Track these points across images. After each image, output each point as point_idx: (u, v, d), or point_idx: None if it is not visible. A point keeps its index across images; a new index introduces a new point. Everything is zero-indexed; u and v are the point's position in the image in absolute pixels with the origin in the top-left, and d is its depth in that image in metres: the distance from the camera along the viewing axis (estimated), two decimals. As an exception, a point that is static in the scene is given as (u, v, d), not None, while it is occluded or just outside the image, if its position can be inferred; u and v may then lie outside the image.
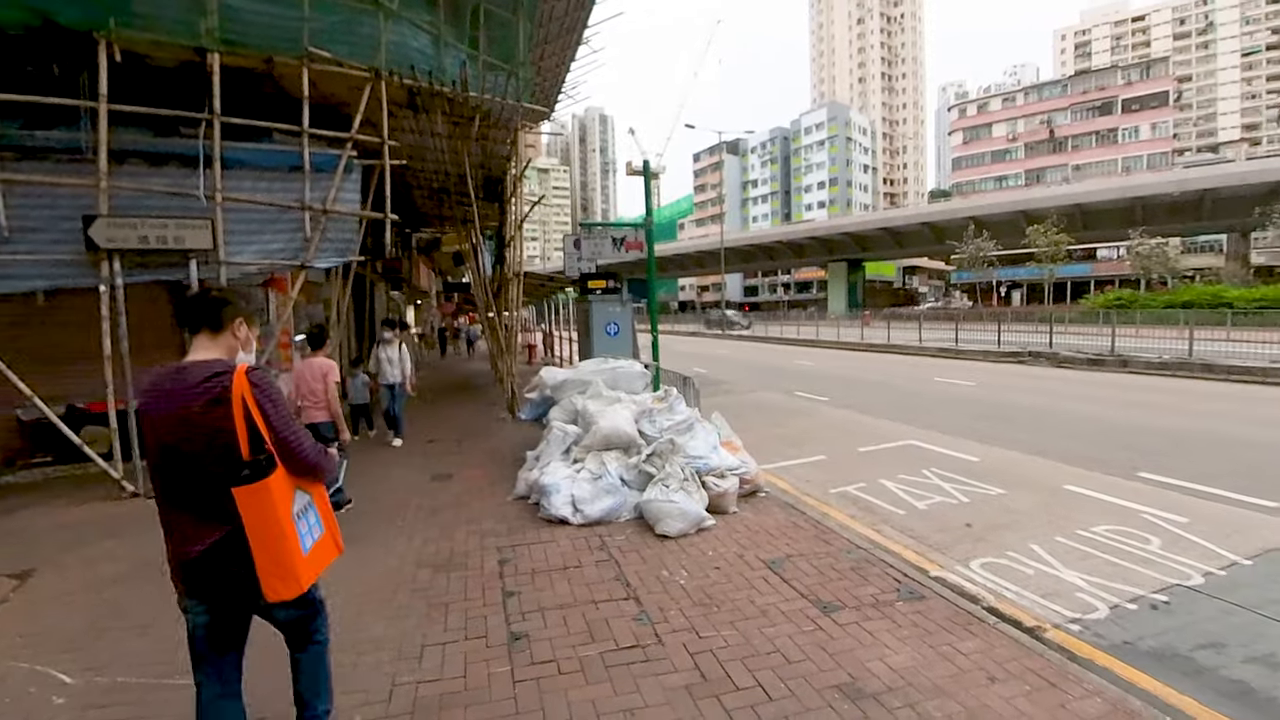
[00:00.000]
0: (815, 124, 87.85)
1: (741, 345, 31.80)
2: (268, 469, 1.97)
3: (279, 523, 1.99)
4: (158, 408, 2.02)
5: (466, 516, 5.43)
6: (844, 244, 63.47)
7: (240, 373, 2.02)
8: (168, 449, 2.02)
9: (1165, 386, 12.83)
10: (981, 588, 4.27)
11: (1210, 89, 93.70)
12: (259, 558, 1.98)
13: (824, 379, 15.96)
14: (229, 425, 1.98)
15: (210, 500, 1.99)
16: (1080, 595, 4.14)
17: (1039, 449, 7.84)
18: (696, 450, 5.39)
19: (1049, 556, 4.72)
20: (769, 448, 8.20)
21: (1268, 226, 36.95)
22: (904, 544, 5.01)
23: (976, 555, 4.79)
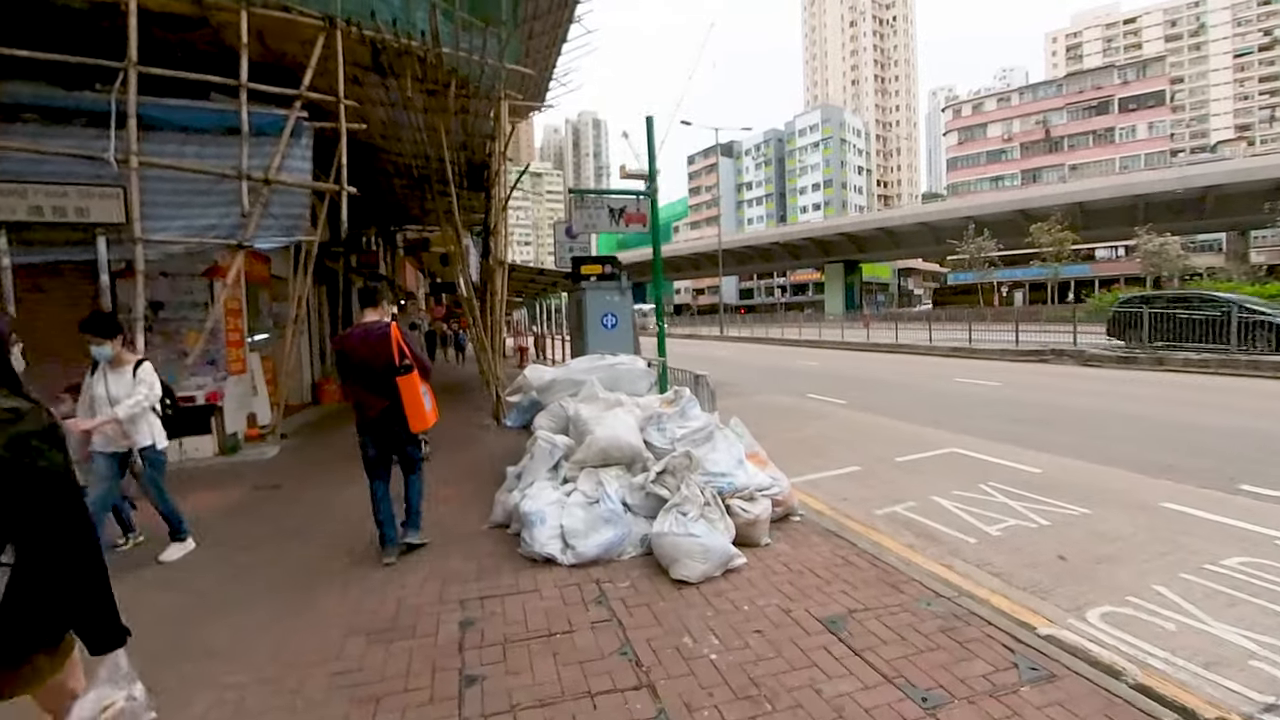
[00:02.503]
0: (809, 125, 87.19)
1: (742, 346, 30.73)
2: (410, 368, 4.04)
3: (418, 393, 4.07)
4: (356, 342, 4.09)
5: (428, 554, 4.25)
6: (840, 245, 62.64)
7: (394, 326, 4.11)
8: (363, 361, 4.04)
9: (1215, 385, 11.78)
10: (1116, 652, 3.14)
11: (1203, 90, 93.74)
12: (409, 411, 4.03)
13: (835, 380, 14.86)
14: (391, 349, 4.01)
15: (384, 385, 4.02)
16: (1256, 665, 3.03)
17: (1102, 456, 6.74)
18: (718, 466, 4.25)
19: (1184, 603, 3.60)
20: (790, 457, 7.04)
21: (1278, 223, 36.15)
22: (991, 587, 3.87)
23: (1089, 602, 3.66)
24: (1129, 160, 58.65)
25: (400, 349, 4.00)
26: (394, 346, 3.98)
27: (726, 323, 43.19)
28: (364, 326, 4.13)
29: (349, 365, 4.10)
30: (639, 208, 6.40)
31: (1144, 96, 60.06)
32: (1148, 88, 60.22)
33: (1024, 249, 46.63)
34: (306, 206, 6.64)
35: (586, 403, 4.81)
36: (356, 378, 4.08)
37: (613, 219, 6.35)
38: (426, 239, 21.73)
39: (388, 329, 4.04)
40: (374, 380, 4.02)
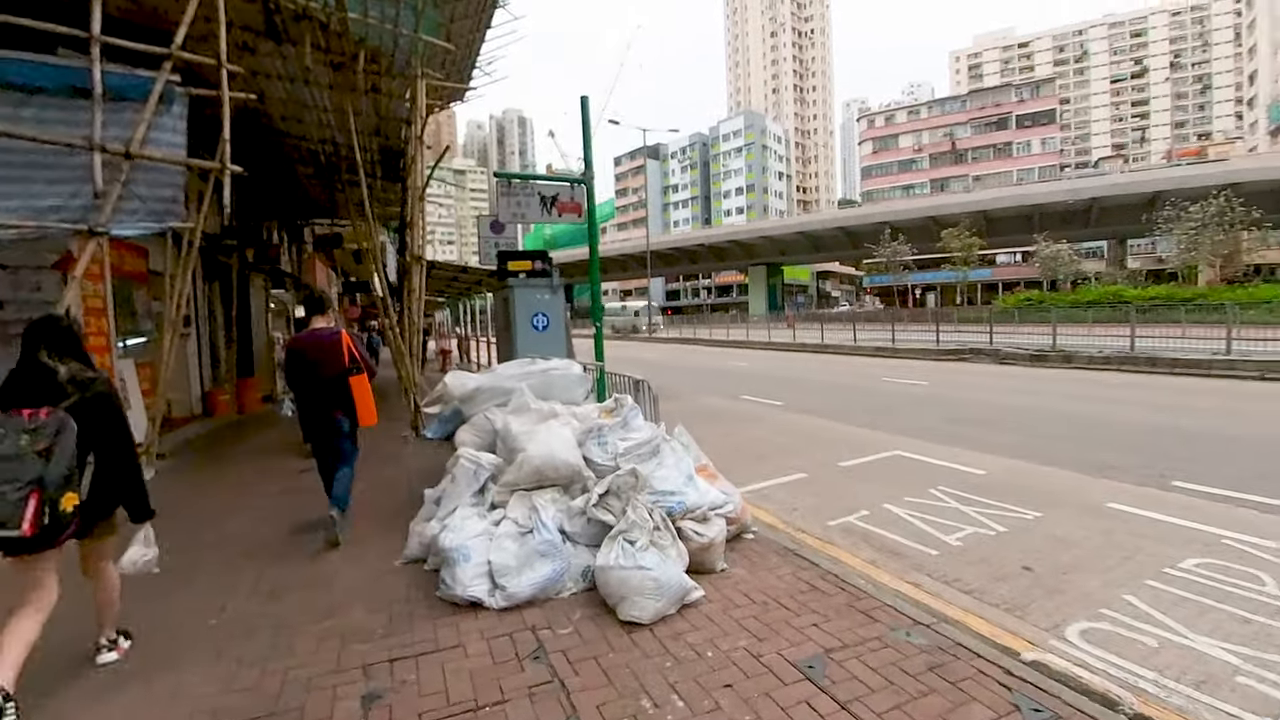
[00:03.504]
0: (733, 131, 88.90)
1: (671, 348, 30.58)
2: (360, 370, 4.53)
3: (368, 392, 4.58)
4: (309, 345, 4.58)
5: (326, 602, 3.53)
6: (763, 248, 64.05)
7: (344, 332, 4.59)
8: (315, 363, 4.51)
9: (1120, 381, 12.43)
10: (1106, 677, 2.88)
11: (1086, 111, 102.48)
12: (360, 408, 4.55)
13: (768, 381, 14.77)
14: (342, 352, 4.49)
15: (333, 385, 4.52)
16: (1244, 682, 2.84)
17: (1041, 455, 6.76)
18: (667, 483, 3.77)
19: (1158, 614, 3.43)
20: (733, 464, 6.66)
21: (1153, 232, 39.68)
22: (965, 606, 3.58)
23: (1066, 618, 3.43)
24: (1025, 173, 63.05)
25: (351, 353, 4.53)
26: (345, 350, 4.51)
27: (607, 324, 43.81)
28: (315, 331, 4.64)
29: (301, 365, 4.56)
30: (573, 196, 5.75)
31: (1037, 114, 64.85)
32: (1040, 106, 65.08)
33: (935, 254, 49.19)
34: (181, 188, 5.65)
35: (517, 414, 4.21)
36: (306, 377, 4.55)
37: (544, 208, 5.66)
38: (339, 234, 20.22)
39: (339, 334, 4.57)
40: (323, 380, 4.51)
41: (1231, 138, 78.55)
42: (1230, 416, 8.56)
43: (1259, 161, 46.37)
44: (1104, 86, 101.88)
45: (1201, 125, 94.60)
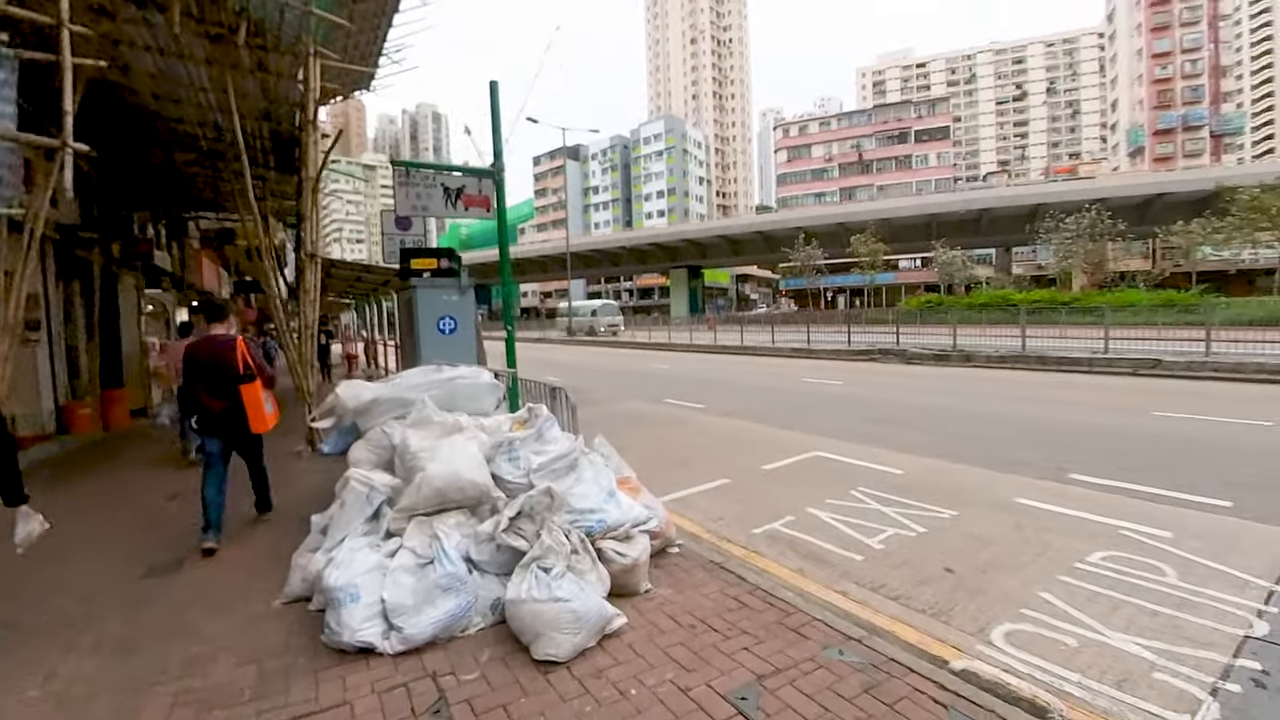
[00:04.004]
0: (654, 134, 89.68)
1: (592, 350, 30.22)
2: (253, 377, 4.55)
3: (259, 398, 4.58)
4: (205, 350, 4.59)
5: (184, 655, 2.99)
6: (685, 250, 64.90)
7: (240, 339, 4.64)
8: (209, 367, 4.54)
9: (1014, 379, 13.22)
10: (1033, 681, 2.85)
11: (974, 129, 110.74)
12: (250, 413, 4.56)
13: (689, 383, 14.75)
14: (236, 359, 4.51)
15: (227, 389, 4.52)
16: (1160, 677, 2.88)
17: (952, 452, 6.96)
18: (586, 500, 3.47)
19: (1074, 611, 3.47)
20: (655, 472, 6.47)
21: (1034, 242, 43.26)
22: (892, 614, 3.49)
23: (990, 620, 3.41)
24: (923, 184, 67.18)
25: (245, 359, 4.56)
26: (239, 357, 4.54)
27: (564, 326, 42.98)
28: (212, 338, 4.70)
29: (196, 368, 4.62)
30: (480, 189, 5.26)
31: (933, 130, 69.34)
32: (936, 123, 69.64)
33: (845, 258, 51.45)
34: (11, 167, 4.80)
35: (417, 428, 3.77)
36: (202, 381, 4.61)
37: (448, 200, 5.13)
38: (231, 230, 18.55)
39: (234, 341, 4.62)
40: (218, 385, 4.57)
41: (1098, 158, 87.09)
42: (1113, 411, 9.20)
43: (1122, 180, 51.64)
44: (990, 107, 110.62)
45: (1073, 146, 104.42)
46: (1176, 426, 7.96)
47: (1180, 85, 71.77)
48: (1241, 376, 11.72)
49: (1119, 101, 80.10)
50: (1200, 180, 42.72)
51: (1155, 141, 72.51)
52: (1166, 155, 71.32)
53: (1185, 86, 71.62)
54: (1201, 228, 35.38)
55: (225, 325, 4.84)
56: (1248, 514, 4.83)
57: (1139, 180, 48.65)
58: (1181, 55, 71.46)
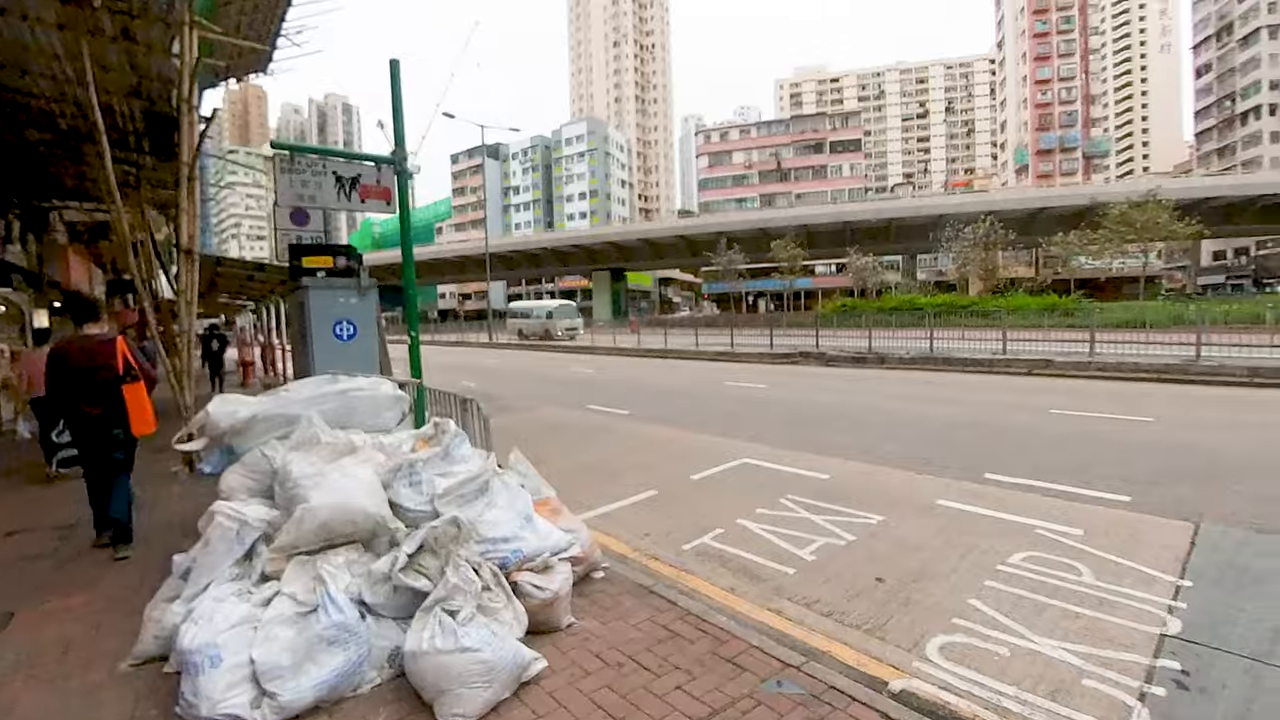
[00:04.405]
0: (576, 135, 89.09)
1: (513, 354, 29.43)
2: (137, 378, 4.35)
3: (143, 400, 4.38)
4: (77, 351, 4.34)
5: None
6: (607, 253, 64.76)
7: (121, 339, 4.40)
8: (82, 370, 4.28)
9: (924, 379, 13.77)
10: (971, 699, 2.75)
11: (883, 143, 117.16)
12: (133, 416, 4.34)
13: (614, 388, 14.48)
14: (117, 359, 4.30)
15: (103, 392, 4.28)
16: (1090, 684, 2.87)
17: (874, 454, 7.04)
18: (499, 528, 3.11)
19: (1003, 618, 3.44)
20: (580, 486, 6.18)
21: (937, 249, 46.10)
22: (828, 632, 3.34)
23: (924, 633, 3.32)
24: (838, 193, 70.12)
25: (127, 360, 4.38)
26: (120, 357, 4.35)
27: (496, 328, 41.41)
28: (86, 336, 4.47)
29: (65, 373, 4.33)
30: (380, 179, 4.70)
31: (847, 142, 72.63)
32: (849, 135, 72.98)
33: (765, 263, 52.86)
34: None
35: (302, 450, 3.27)
36: (74, 385, 4.35)
37: (342, 191, 4.49)
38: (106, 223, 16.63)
39: (114, 340, 4.42)
40: (94, 388, 4.33)
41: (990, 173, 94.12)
42: (1016, 410, 9.68)
43: (1010, 194, 55.86)
44: (897, 123, 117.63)
45: (968, 161, 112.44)
46: (1073, 424, 8.43)
47: (1058, 110, 78.67)
48: (1120, 375, 12.70)
49: (1007, 122, 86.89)
50: (1077, 196, 46.89)
51: (1038, 160, 79.11)
52: (1047, 173, 77.95)
53: (1062, 112, 78.57)
54: (1078, 239, 38.72)
55: (99, 325, 4.63)
56: (1145, 508, 5.06)
57: (1025, 195, 52.83)
58: (1059, 83, 78.36)
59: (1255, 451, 6.65)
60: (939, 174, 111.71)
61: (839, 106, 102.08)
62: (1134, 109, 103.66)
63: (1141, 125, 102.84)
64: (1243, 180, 49.34)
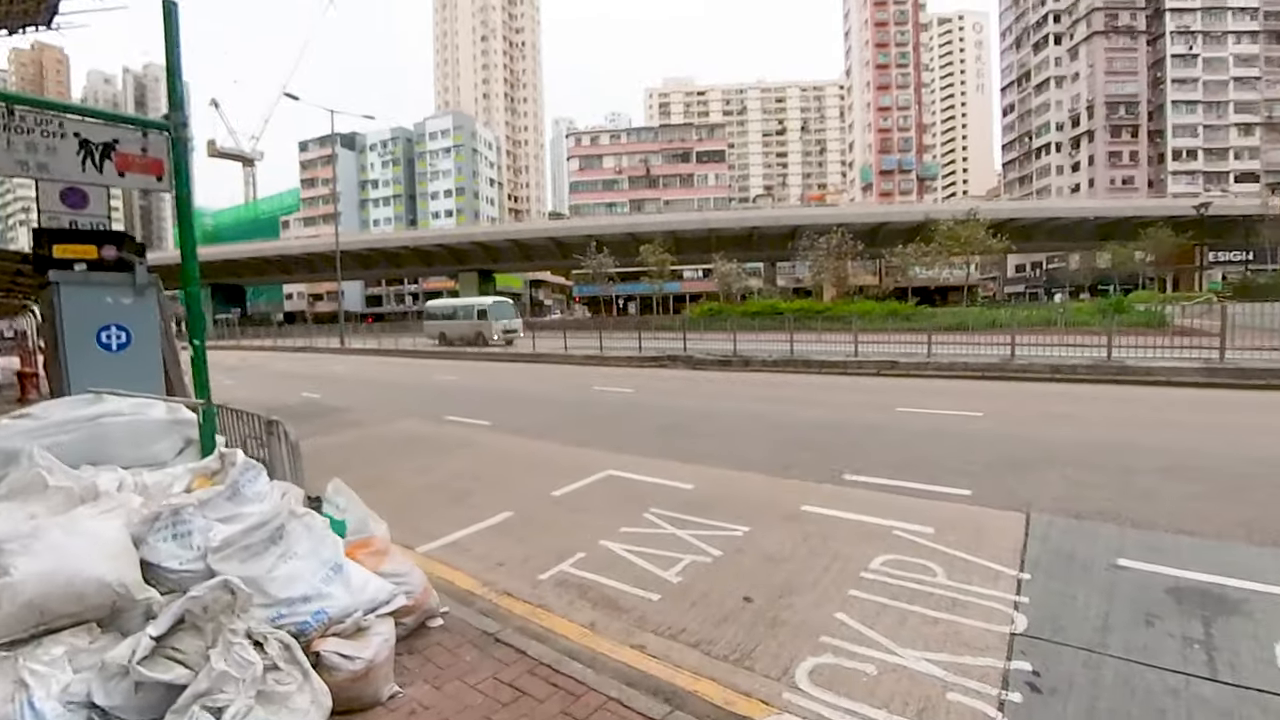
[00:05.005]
0: (441, 130, 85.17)
1: (368, 360, 27.22)
2: None
3: None
4: None
5: None
6: (474, 254, 62.54)
7: None
8: None
9: (786, 381, 14.32)
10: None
11: (745, 155, 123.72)
12: None
13: (477, 396, 13.66)
14: None
15: None
16: (954, 698, 2.80)
17: (739, 459, 7.00)
18: (298, 585, 2.50)
19: (869, 631, 3.35)
20: (426, 510, 5.55)
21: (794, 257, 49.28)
22: (694, 667, 3.06)
23: (793, 657, 3.14)
24: (704, 201, 72.86)
25: None
26: None
27: (350, 332, 38.12)
28: None
29: None
30: (147, 146, 3.66)
31: (712, 152, 75.74)
32: (714, 146, 76.16)
33: (635, 267, 53.54)
34: None
35: (16, 499, 2.43)
36: None
37: (88, 159, 3.32)
38: None
39: None
40: None
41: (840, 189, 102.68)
42: (868, 409, 10.23)
43: (858, 209, 61.14)
44: (758, 137, 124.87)
45: (821, 177, 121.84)
46: (917, 421, 9.00)
47: (897, 136, 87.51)
48: (953, 374, 13.98)
49: (855, 143, 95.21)
50: (912, 213, 52.29)
51: (880, 180, 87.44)
52: (888, 191, 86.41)
53: (900, 137, 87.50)
54: (914, 251, 43.08)
55: None
56: (984, 500, 5.35)
57: (870, 210, 58.12)
58: (898, 111, 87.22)
59: (1066, 441, 7.39)
60: (796, 188, 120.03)
61: (705, 118, 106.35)
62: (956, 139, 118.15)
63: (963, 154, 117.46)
64: (1038, 205, 57.81)
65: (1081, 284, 57.27)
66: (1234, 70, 69.02)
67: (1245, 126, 69.35)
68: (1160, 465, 6.16)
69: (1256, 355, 12.12)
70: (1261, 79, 69.04)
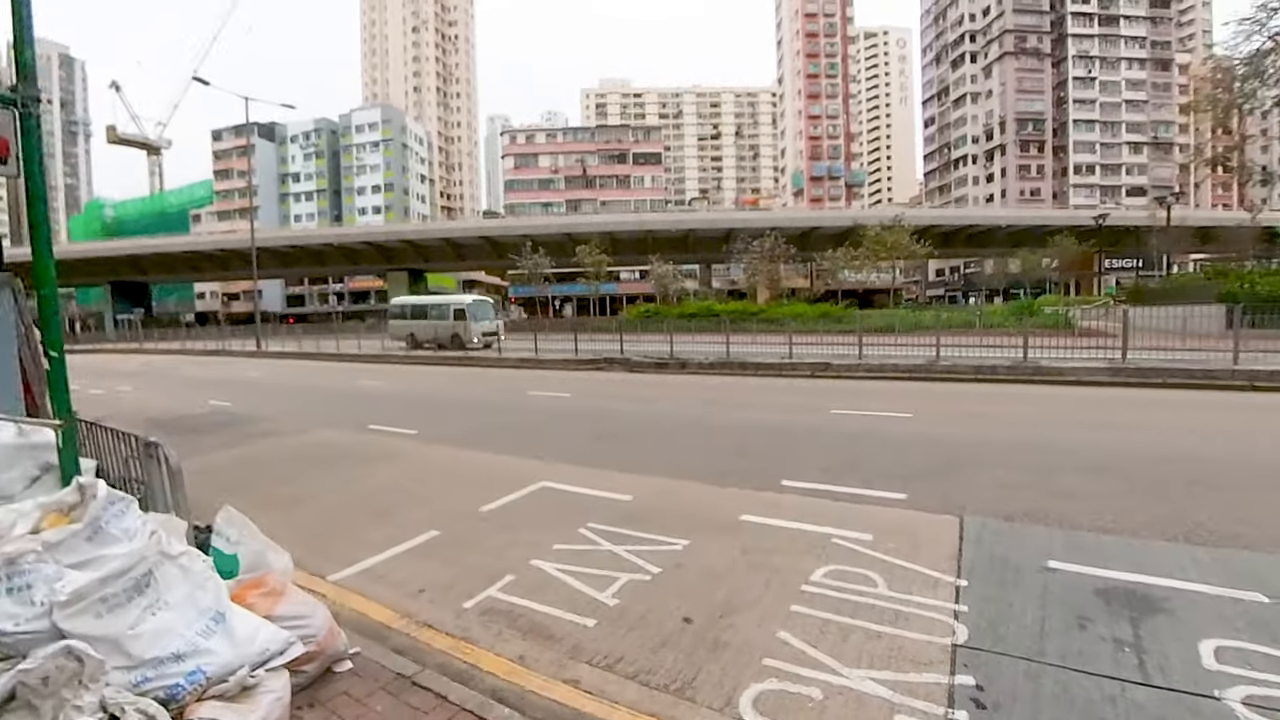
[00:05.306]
0: (369, 123, 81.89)
1: (287, 364, 25.69)
2: None
3: None
4: None
5: None
6: (404, 252, 60.41)
7: None
8: None
9: (723, 384, 14.33)
10: (790, 775, 2.41)
11: (681, 158, 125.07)
12: None
13: (404, 403, 13.02)
14: None
15: None
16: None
17: (677, 468, 6.84)
18: (168, 641, 2.12)
19: (813, 651, 3.22)
20: (345, 532, 5.12)
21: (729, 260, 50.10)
22: (632, 702, 2.84)
23: (736, 684, 2.97)
24: (640, 203, 73.09)
25: None
26: None
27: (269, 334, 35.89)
28: None
29: None
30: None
31: (649, 154, 76.14)
32: (651, 148, 76.56)
33: (571, 268, 53.05)
34: None
35: None
36: None
37: None
38: None
39: None
40: None
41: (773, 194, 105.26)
42: (803, 411, 10.32)
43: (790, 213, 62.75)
44: (694, 141, 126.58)
45: (755, 182, 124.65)
46: (850, 423, 9.13)
47: (826, 143, 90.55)
48: (883, 375, 14.39)
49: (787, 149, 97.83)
50: (841, 218, 54.10)
51: (811, 185, 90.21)
52: (818, 197, 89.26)
53: (829, 145, 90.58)
54: (844, 255, 44.57)
55: None
56: (919, 504, 5.38)
57: (801, 214, 59.82)
58: (827, 120, 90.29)
59: (992, 441, 7.63)
60: (731, 191, 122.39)
61: (642, 120, 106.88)
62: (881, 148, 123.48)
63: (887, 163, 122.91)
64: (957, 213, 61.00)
65: (996, 288, 60.98)
66: (1126, 94, 75.30)
67: (1135, 145, 75.75)
68: (1079, 464, 6.41)
69: (1154, 355, 13.02)
70: (1149, 102, 75.59)
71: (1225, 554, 4.25)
